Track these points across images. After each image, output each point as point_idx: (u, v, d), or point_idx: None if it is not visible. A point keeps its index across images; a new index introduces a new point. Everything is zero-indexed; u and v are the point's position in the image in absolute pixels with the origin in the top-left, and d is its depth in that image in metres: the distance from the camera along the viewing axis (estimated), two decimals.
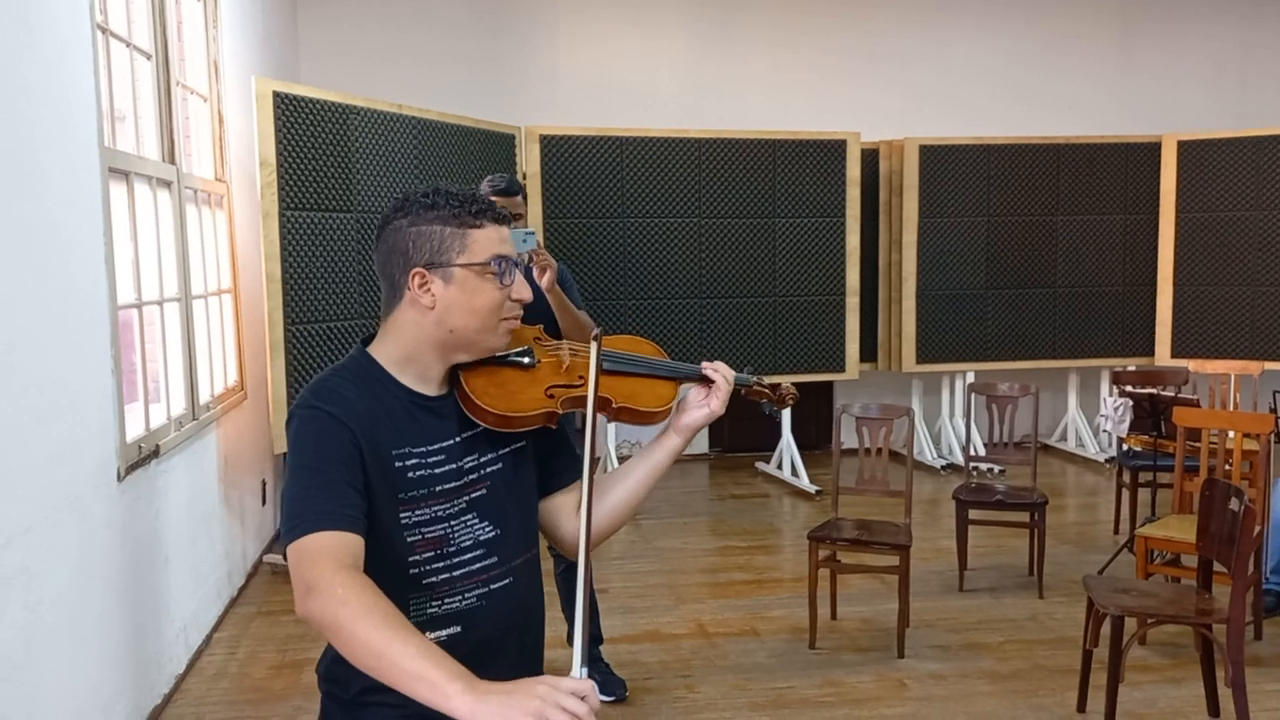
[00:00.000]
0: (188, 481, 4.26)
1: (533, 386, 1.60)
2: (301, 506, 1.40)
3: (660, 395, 1.71)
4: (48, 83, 3.01)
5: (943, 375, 7.85)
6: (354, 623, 1.27)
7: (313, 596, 1.31)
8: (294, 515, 1.39)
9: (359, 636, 1.27)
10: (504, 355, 1.60)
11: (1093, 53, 8.38)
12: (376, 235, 1.58)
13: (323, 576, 1.32)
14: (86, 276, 3.25)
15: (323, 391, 1.50)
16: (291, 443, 1.47)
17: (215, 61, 5.10)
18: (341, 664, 1.51)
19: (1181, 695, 3.78)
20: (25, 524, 2.73)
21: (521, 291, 1.57)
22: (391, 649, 1.24)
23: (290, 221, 4.87)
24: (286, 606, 4.82)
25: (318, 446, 1.45)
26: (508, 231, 1.57)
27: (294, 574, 1.36)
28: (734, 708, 3.74)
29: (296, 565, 1.36)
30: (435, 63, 7.49)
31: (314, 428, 1.46)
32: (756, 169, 6.89)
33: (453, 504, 1.54)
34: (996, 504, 4.94)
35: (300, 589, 1.34)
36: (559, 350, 1.68)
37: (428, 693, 1.22)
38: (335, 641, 1.31)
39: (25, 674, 2.71)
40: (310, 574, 1.33)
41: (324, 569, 1.33)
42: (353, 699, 1.54)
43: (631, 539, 5.92)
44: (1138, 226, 7.63)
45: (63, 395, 3.02)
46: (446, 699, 1.20)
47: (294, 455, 1.46)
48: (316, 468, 1.43)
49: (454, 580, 1.53)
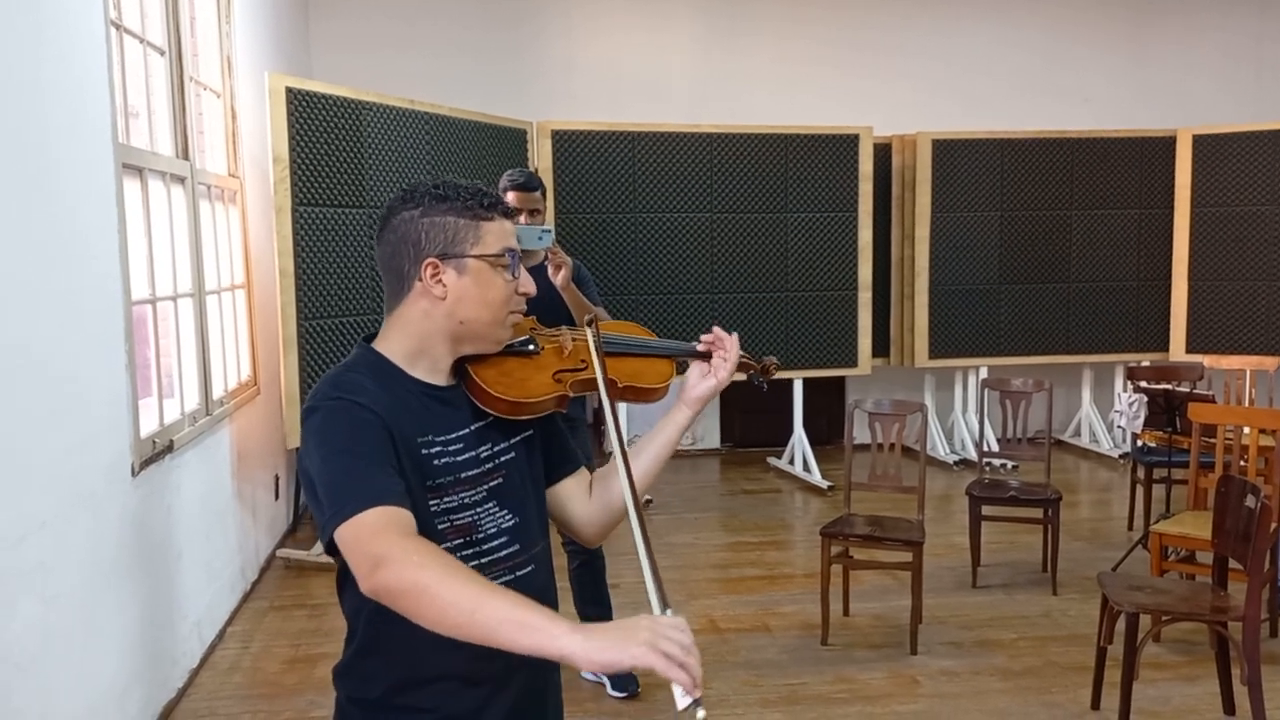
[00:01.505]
0: (201, 476, 4.28)
1: (540, 373, 1.63)
2: (348, 487, 1.36)
3: (661, 372, 1.76)
4: (62, 79, 3.02)
5: (955, 370, 7.82)
6: (439, 583, 1.25)
7: (384, 568, 1.28)
8: (341, 496, 1.35)
9: (447, 595, 1.24)
10: (508, 344, 1.63)
11: (1106, 46, 8.33)
12: (380, 227, 1.57)
13: (392, 546, 1.29)
14: (101, 272, 3.26)
15: (343, 384, 1.47)
16: (319, 433, 1.43)
17: (228, 57, 5.11)
18: (368, 661, 1.52)
19: (1196, 693, 3.76)
20: (41, 519, 2.75)
21: (528, 285, 1.59)
22: (486, 602, 1.23)
23: (303, 217, 4.88)
24: (299, 601, 4.84)
25: (353, 432, 1.42)
26: (513, 226, 1.60)
27: (355, 551, 1.32)
28: (745, 704, 3.74)
29: (357, 541, 1.32)
30: (447, 58, 7.49)
31: (345, 417, 1.43)
32: (768, 164, 6.87)
33: (476, 491, 1.55)
34: (1010, 500, 4.92)
35: (365, 564, 1.29)
36: (558, 336, 1.71)
37: (532, 637, 1.21)
38: (416, 607, 1.26)
39: (41, 667, 2.73)
40: (375, 547, 1.30)
41: (389, 539, 1.30)
42: (379, 700, 1.52)
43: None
44: (1152, 221, 7.59)
45: (77, 391, 3.03)
46: (554, 639, 1.20)
47: (326, 443, 1.41)
48: (356, 451, 1.40)
49: (484, 568, 1.52)
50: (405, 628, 1.44)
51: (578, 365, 1.66)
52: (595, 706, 3.72)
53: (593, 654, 1.19)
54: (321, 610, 4.67)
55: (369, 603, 1.44)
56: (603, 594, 3.85)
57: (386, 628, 1.46)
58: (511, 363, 1.62)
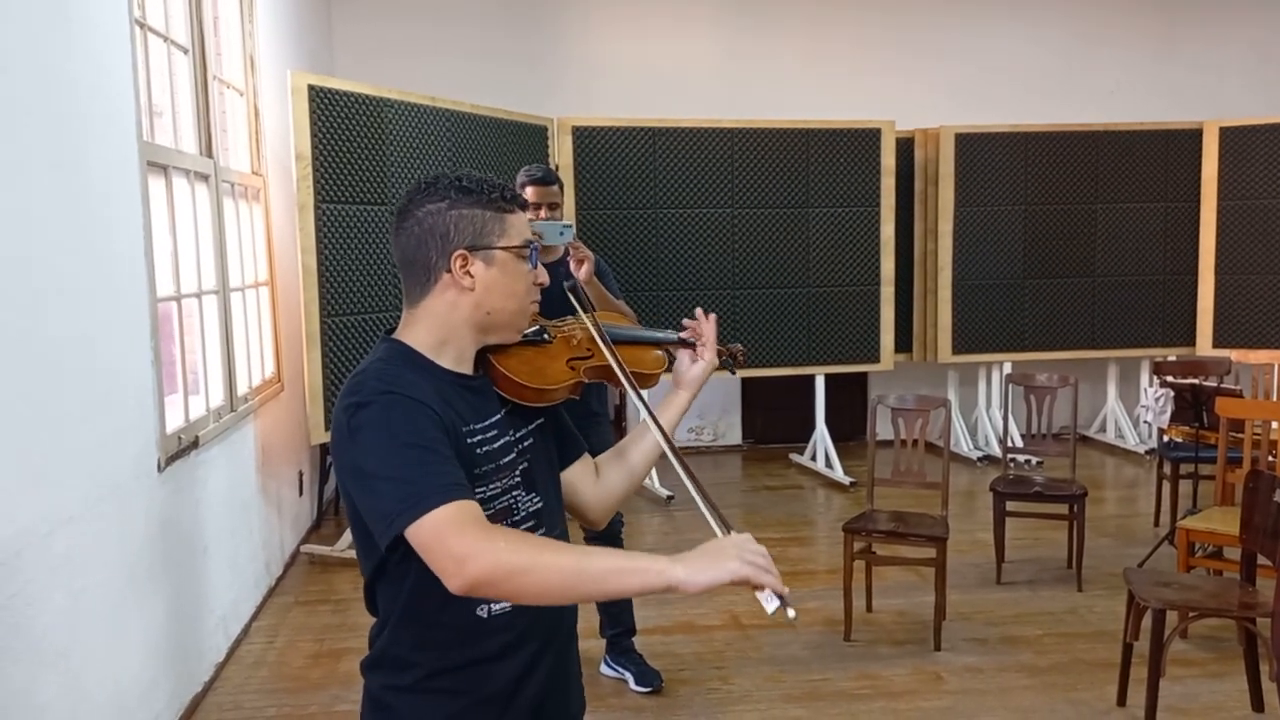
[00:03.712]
0: (226, 472, 4.31)
1: (554, 361, 1.70)
2: (417, 483, 1.37)
3: (658, 359, 1.86)
4: (91, 77, 3.04)
5: (979, 366, 7.77)
6: (536, 559, 1.32)
7: (472, 561, 1.31)
8: (411, 493, 1.36)
9: (549, 566, 1.32)
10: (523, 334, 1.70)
11: (1132, 39, 8.25)
12: (399, 220, 1.57)
13: (475, 540, 1.32)
14: (126, 269, 3.29)
15: (388, 377, 1.48)
16: (376, 427, 1.42)
17: (251, 56, 5.14)
18: (401, 651, 1.54)
19: (1224, 690, 3.72)
20: (68, 513, 2.77)
21: (543, 276, 1.64)
22: (585, 563, 1.33)
23: (326, 214, 4.90)
24: (323, 596, 4.86)
25: (411, 425, 1.42)
26: (529, 219, 1.66)
27: (437, 549, 1.34)
28: (769, 699, 3.73)
29: (439, 540, 1.34)
30: (468, 54, 7.50)
31: (400, 410, 1.43)
32: (790, 159, 6.85)
33: (511, 476, 1.59)
34: (1035, 496, 4.88)
35: (451, 563, 1.32)
36: (563, 326, 1.79)
37: (641, 579, 1.32)
38: (518, 587, 1.32)
39: (69, 661, 2.75)
40: (459, 545, 1.32)
41: (471, 534, 1.33)
42: (414, 685, 1.54)
43: (664, 530, 5.92)
44: (1179, 214, 7.51)
45: (104, 387, 3.06)
46: (660, 575, 1.32)
47: (389, 437, 1.41)
48: (419, 444, 1.40)
49: None
50: (437, 620, 1.51)
51: (585, 353, 1.74)
52: (618, 701, 3.72)
53: (696, 576, 1.32)
54: (346, 605, 4.70)
55: (403, 596, 1.51)
56: None
57: (420, 620, 1.51)
58: (529, 352, 1.68)
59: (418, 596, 1.50)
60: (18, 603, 2.49)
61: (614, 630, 3.86)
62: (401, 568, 1.48)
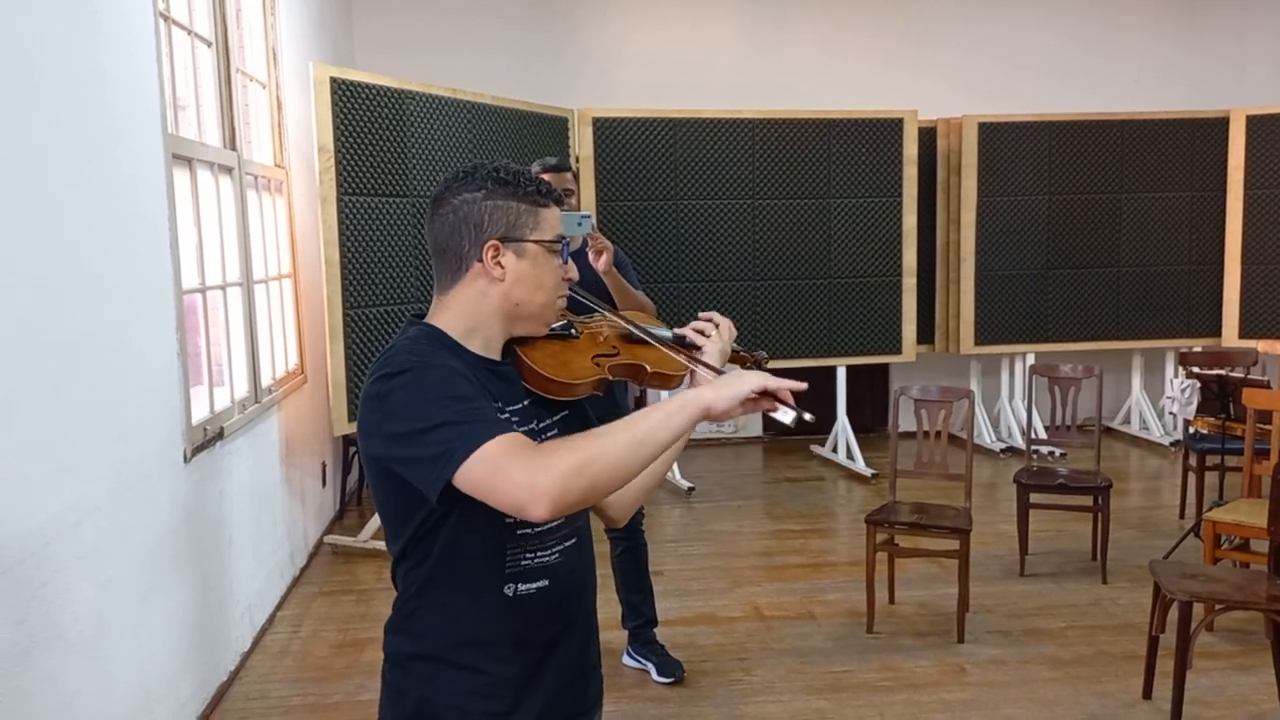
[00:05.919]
0: (250, 463, 4.34)
1: (580, 356, 1.70)
2: (462, 424, 1.37)
3: (681, 363, 1.85)
4: (118, 71, 3.06)
5: (1002, 357, 7.72)
6: (594, 447, 1.36)
7: (542, 476, 1.32)
8: (460, 434, 1.36)
9: (609, 447, 1.36)
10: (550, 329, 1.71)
11: (1155, 26, 8.16)
12: (434, 207, 1.59)
13: (533, 459, 1.34)
14: (152, 261, 3.31)
15: (419, 350, 1.49)
16: (414, 388, 1.42)
17: (274, 49, 5.16)
18: (423, 622, 1.56)
19: (1251, 683, 3.69)
20: (96, 503, 2.80)
21: (573, 271, 1.65)
22: (635, 426, 1.38)
23: (348, 206, 4.92)
24: (347, 587, 4.89)
25: (447, 383, 1.43)
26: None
27: (498, 483, 1.34)
28: (791, 690, 3.73)
29: (496, 474, 1.33)
30: (488, 46, 7.51)
31: (435, 374, 1.44)
32: (811, 149, 6.82)
33: None
34: (1058, 488, 4.85)
35: (522, 490, 1.32)
36: (590, 322, 1.80)
37: (682, 415, 1.40)
38: (592, 478, 1.34)
39: (97, 650, 2.78)
40: (520, 472, 1.33)
41: (528, 456, 1.34)
42: (432, 655, 1.55)
43: (685, 521, 5.92)
44: (1204, 204, 7.44)
45: (131, 378, 3.08)
46: (695, 402, 1.41)
47: (420, 396, 1.41)
48: (457, 396, 1.41)
49: (541, 535, 1.57)
50: (458, 597, 1.53)
51: (611, 350, 1.75)
52: (640, 693, 3.73)
53: (723, 392, 1.42)
54: (369, 595, 4.73)
55: (425, 570, 1.53)
56: (645, 581, 3.86)
57: (441, 597, 1.54)
58: (555, 345, 1.69)
59: (435, 576, 1.52)
60: (47, 592, 2.52)
61: (636, 621, 3.87)
62: (427, 542, 1.51)
